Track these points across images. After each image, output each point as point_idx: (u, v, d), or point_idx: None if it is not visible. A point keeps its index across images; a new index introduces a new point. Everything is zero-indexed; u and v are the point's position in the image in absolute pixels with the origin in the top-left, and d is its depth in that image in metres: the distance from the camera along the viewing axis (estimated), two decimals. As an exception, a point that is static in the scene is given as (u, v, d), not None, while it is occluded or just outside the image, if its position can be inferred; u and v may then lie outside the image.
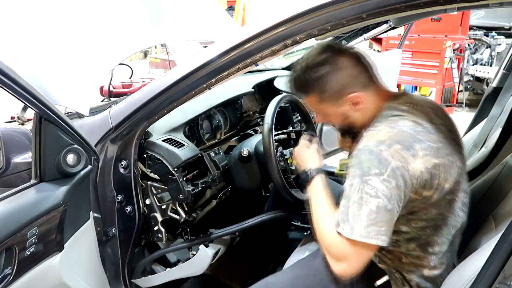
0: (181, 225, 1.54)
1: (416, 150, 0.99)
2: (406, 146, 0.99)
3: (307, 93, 1.15)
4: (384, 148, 0.98)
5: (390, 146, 0.98)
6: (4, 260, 0.99)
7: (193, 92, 1.23)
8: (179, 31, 1.77)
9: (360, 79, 1.11)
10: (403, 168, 0.97)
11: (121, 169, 1.35)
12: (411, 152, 0.98)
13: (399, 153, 0.97)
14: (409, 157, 0.98)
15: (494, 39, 5.99)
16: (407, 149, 0.98)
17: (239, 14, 9.20)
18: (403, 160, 0.97)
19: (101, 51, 1.46)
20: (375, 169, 0.97)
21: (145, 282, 1.53)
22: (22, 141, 1.51)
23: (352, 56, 1.12)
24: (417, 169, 0.98)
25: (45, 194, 1.09)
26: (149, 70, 8.71)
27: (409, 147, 0.99)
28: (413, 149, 0.99)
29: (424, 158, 0.99)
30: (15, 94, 0.95)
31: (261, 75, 2.26)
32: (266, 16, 1.10)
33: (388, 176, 0.96)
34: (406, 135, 1.01)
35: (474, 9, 4.20)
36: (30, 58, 1.28)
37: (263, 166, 1.51)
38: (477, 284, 0.87)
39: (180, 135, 1.49)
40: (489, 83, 2.71)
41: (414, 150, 0.99)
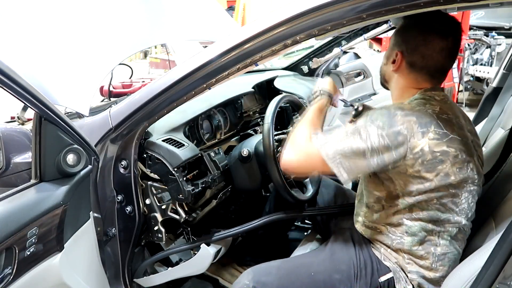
0: (181, 225, 1.54)
1: (428, 130, 1.02)
2: (421, 123, 1.02)
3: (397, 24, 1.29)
4: (400, 114, 1.03)
5: (406, 115, 1.03)
6: (4, 260, 0.99)
7: (193, 92, 1.23)
8: (179, 31, 1.77)
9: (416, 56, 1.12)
10: (405, 137, 1.01)
11: (121, 169, 1.35)
12: (422, 129, 1.02)
13: (411, 124, 1.02)
14: (418, 132, 1.01)
15: (494, 39, 5.99)
16: (420, 125, 1.02)
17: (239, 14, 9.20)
18: (410, 131, 1.01)
19: (101, 51, 1.46)
20: (380, 122, 1.03)
21: (147, 281, 1.53)
22: (22, 141, 1.51)
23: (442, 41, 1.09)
24: (419, 145, 1.01)
25: (45, 194, 1.09)
26: (149, 70, 8.71)
27: (424, 125, 1.02)
28: (426, 128, 1.02)
29: (433, 141, 1.02)
30: (15, 94, 0.95)
31: (261, 75, 2.26)
32: (266, 16, 1.10)
33: (387, 135, 1.01)
34: (427, 115, 1.04)
35: (474, 9, 4.20)
36: (30, 58, 1.28)
37: (263, 166, 1.51)
38: (477, 284, 0.87)
39: (180, 135, 1.49)
40: (489, 83, 2.71)
41: (427, 129, 1.02)
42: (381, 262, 1.20)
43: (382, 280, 1.18)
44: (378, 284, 1.18)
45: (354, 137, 1.04)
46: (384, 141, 1.01)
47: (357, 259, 1.22)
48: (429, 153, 1.02)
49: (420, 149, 1.02)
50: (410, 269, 1.16)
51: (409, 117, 1.03)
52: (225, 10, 2.54)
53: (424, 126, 1.02)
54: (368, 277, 1.18)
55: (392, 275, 1.18)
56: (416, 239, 1.13)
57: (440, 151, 1.03)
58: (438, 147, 1.02)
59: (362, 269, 1.19)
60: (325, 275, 1.21)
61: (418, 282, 1.16)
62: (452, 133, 1.05)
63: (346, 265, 1.21)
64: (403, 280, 1.17)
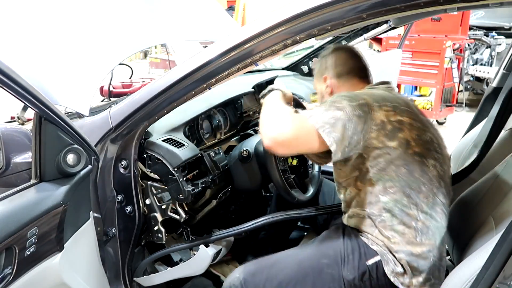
0: (181, 225, 1.54)
1: (382, 104, 1.16)
2: (376, 99, 1.17)
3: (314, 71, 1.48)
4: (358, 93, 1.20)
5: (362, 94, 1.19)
6: (4, 260, 0.99)
7: (193, 92, 1.23)
8: (179, 31, 1.77)
9: (337, 68, 1.37)
10: (369, 109, 1.14)
11: (121, 169, 1.35)
12: (378, 104, 1.16)
13: (369, 100, 1.16)
14: (375, 107, 1.15)
15: (494, 39, 5.99)
16: (376, 101, 1.17)
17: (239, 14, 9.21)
18: (370, 105, 1.15)
19: (101, 51, 1.46)
20: (347, 97, 1.15)
21: (146, 281, 1.54)
22: (22, 141, 1.51)
23: (346, 53, 1.40)
24: (379, 117, 1.14)
25: (45, 194, 1.09)
26: (149, 70, 8.71)
27: (378, 101, 1.17)
28: (380, 103, 1.16)
29: (389, 112, 1.16)
30: (15, 94, 0.95)
31: (261, 75, 2.26)
32: (266, 16, 1.10)
33: (357, 105, 1.12)
34: (377, 94, 1.21)
35: (474, 9, 4.20)
36: (30, 58, 1.28)
37: (263, 166, 1.51)
38: (477, 284, 0.87)
39: (180, 135, 1.49)
40: (489, 83, 2.71)
41: (382, 103, 1.16)
42: (368, 246, 1.22)
43: (370, 263, 1.20)
44: (366, 268, 1.20)
45: (333, 110, 1.12)
46: (355, 111, 1.12)
47: (344, 246, 1.25)
48: (388, 123, 1.14)
49: (380, 120, 1.14)
50: (396, 248, 1.18)
51: (365, 96, 1.17)
52: (225, 10, 2.54)
53: (378, 101, 1.16)
54: (356, 261, 1.21)
55: (379, 258, 1.20)
56: (394, 213, 1.17)
57: (396, 120, 1.15)
58: (394, 117, 1.15)
59: (349, 254, 1.22)
60: (313, 260, 1.25)
61: (407, 260, 1.17)
62: (401, 106, 1.19)
63: (333, 251, 1.25)
64: (392, 262, 1.18)
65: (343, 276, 1.20)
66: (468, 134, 2.21)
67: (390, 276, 1.18)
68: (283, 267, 1.25)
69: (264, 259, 1.30)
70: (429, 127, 1.23)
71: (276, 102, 1.27)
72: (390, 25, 1.95)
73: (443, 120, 5.85)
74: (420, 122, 1.21)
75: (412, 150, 1.16)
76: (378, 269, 1.19)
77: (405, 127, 1.16)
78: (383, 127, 1.13)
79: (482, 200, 1.38)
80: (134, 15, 1.62)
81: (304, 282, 1.22)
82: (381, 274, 1.19)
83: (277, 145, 1.10)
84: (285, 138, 1.09)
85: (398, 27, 2.14)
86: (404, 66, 5.47)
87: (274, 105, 1.25)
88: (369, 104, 1.14)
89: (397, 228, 1.18)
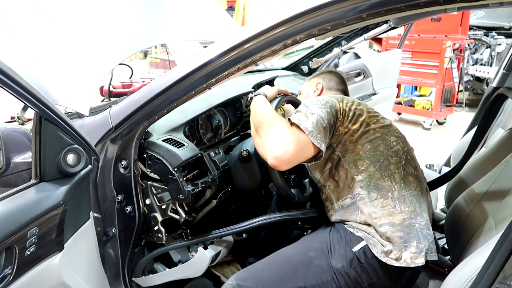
0: (181, 225, 1.54)
1: (342, 100, 1.37)
2: (337, 97, 1.38)
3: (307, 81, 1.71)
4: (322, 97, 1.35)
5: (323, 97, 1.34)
6: (4, 260, 0.99)
7: (193, 92, 1.23)
8: (179, 31, 1.77)
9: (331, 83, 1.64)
10: (332, 103, 1.32)
11: (121, 169, 1.35)
12: (339, 99, 1.36)
13: (331, 98, 1.35)
14: (337, 102, 1.35)
15: (494, 39, 5.99)
16: (336, 98, 1.36)
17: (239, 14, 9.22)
18: (333, 100, 1.33)
19: (101, 51, 1.46)
20: (313, 102, 1.30)
21: (145, 281, 1.53)
22: (22, 141, 1.51)
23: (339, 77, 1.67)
24: (342, 108, 1.33)
25: (45, 194, 1.09)
26: (149, 70, 8.72)
27: (338, 99, 1.37)
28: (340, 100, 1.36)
29: (348, 104, 1.36)
30: (15, 94, 0.95)
31: (261, 75, 2.26)
32: (266, 16, 1.10)
33: (322, 105, 1.28)
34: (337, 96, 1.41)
35: (474, 9, 4.20)
36: (30, 58, 1.28)
37: (263, 166, 1.51)
38: (477, 284, 0.87)
39: (180, 135, 1.49)
40: (489, 83, 2.71)
41: (341, 99, 1.37)
42: (353, 234, 1.27)
43: (356, 249, 1.24)
44: (353, 254, 1.24)
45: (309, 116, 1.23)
46: (324, 108, 1.27)
47: (330, 237, 1.30)
48: (349, 111, 1.34)
49: (343, 110, 1.33)
50: (379, 223, 1.23)
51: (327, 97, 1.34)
52: (225, 10, 2.54)
53: (338, 99, 1.36)
54: (342, 250, 1.25)
55: (365, 243, 1.24)
56: (370, 188, 1.27)
57: (356, 108, 1.35)
58: (353, 106, 1.36)
59: (335, 244, 1.27)
60: (300, 255, 1.29)
61: (391, 231, 1.20)
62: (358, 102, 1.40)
63: (319, 243, 1.30)
64: (379, 243, 1.22)
65: (332, 266, 1.24)
66: (468, 134, 2.21)
67: (381, 257, 1.20)
68: (273, 266, 1.29)
69: (255, 265, 1.34)
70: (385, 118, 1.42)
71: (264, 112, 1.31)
72: (390, 25, 1.95)
73: (443, 120, 5.86)
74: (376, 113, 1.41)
75: (373, 129, 1.33)
76: (366, 253, 1.23)
77: (364, 113, 1.36)
78: (346, 114, 1.33)
79: (482, 200, 1.38)
80: (134, 15, 1.62)
81: (296, 277, 1.25)
82: (370, 258, 1.22)
83: (283, 163, 1.19)
84: (290, 156, 1.18)
85: (398, 27, 2.13)
86: (404, 66, 5.48)
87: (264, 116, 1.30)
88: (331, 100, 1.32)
89: (376, 203, 1.25)
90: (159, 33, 1.68)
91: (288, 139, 1.18)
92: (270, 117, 1.28)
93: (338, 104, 1.34)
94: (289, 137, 1.19)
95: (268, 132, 1.24)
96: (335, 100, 1.35)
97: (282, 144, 1.18)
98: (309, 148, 1.21)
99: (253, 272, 1.30)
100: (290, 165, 1.21)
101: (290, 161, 1.19)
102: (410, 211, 1.24)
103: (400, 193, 1.26)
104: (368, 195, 1.27)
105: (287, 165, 1.19)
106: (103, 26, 1.51)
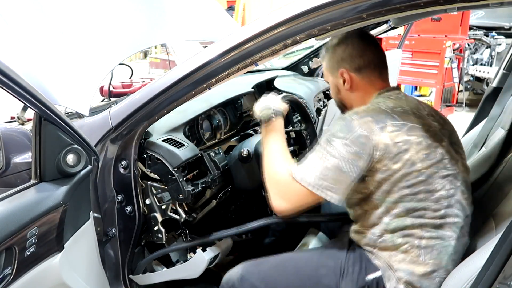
0: (181, 225, 1.54)
1: (386, 125, 1.08)
2: (377, 120, 1.08)
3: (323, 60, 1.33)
4: (356, 118, 1.10)
5: (362, 117, 1.09)
6: (4, 260, 0.99)
7: (193, 92, 1.23)
8: (179, 31, 1.77)
9: (355, 61, 1.23)
10: (367, 138, 1.06)
11: (121, 169, 1.35)
12: (380, 125, 1.07)
13: (368, 124, 1.08)
14: (377, 129, 1.07)
15: (494, 39, 5.99)
16: (377, 122, 1.08)
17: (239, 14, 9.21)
18: (369, 131, 1.07)
19: (101, 51, 1.46)
20: (341, 133, 1.09)
21: (142, 279, 1.53)
22: (22, 141, 1.51)
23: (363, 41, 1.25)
24: (382, 141, 1.06)
25: (45, 194, 1.09)
26: (149, 70, 8.71)
27: (380, 121, 1.08)
28: (383, 123, 1.08)
29: (393, 133, 1.07)
30: (15, 94, 0.95)
31: (261, 75, 2.26)
32: (266, 16, 1.10)
33: (351, 142, 1.07)
34: (381, 111, 1.11)
35: (474, 9, 4.20)
36: (30, 58, 1.27)
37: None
38: (477, 284, 0.87)
39: (180, 135, 1.49)
40: (489, 83, 2.71)
41: (384, 124, 1.08)
42: (370, 261, 1.18)
43: (370, 279, 1.16)
44: (365, 283, 1.16)
45: (325, 158, 1.08)
46: (351, 149, 1.06)
47: (346, 257, 1.22)
48: (392, 146, 1.06)
49: (383, 144, 1.06)
50: (396, 266, 1.13)
51: (365, 118, 1.09)
52: (225, 10, 2.54)
53: (380, 122, 1.08)
54: (355, 275, 1.17)
55: (380, 274, 1.16)
56: (397, 234, 1.13)
57: (402, 141, 1.07)
58: (399, 137, 1.07)
59: (349, 266, 1.19)
60: (311, 269, 1.23)
61: (407, 279, 1.12)
62: (410, 122, 1.10)
63: (333, 261, 1.22)
64: (394, 279, 1.14)
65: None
66: (468, 134, 2.21)
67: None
68: (282, 272, 1.25)
69: (265, 260, 1.31)
70: (441, 140, 1.13)
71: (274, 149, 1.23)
72: (390, 25, 1.95)
73: (443, 120, 5.85)
74: (432, 136, 1.11)
75: (418, 170, 1.08)
76: (379, 285, 1.15)
77: (412, 147, 1.07)
78: (386, 151, 1.06)
79: (482, 200, 1.38)
80: (134, 15, 1.62)
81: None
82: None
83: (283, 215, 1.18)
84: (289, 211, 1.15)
85: (398, 27, 2.14)
86: (404, 66, 5.48)
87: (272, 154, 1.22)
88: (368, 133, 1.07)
89: (398, 246, 1.14)
90: (159, 33, 1.68)
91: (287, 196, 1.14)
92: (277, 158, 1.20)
93: (377, 135, 1.06)
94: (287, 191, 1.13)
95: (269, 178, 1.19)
96: (374, 126, 1.07)
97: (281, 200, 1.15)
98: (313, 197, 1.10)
99: (261, 269, 1.28)
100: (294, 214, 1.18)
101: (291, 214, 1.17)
102: (435, 264, 1.11)
103: (429, 243, 1.11)
104: (391, 239, 1.14)
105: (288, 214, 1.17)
106: (103, 26, 1.51)
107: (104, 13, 1.54)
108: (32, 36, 1.32)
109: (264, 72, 2.44)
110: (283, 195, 1.15)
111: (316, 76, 2.70)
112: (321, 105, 2.47)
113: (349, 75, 1.24)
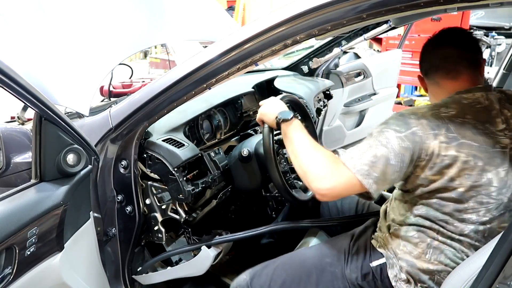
0: (181, 225, 1.54)
1: (439, 133, 1.02)
2: (433, 126, 1.03)
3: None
4: (414, 117, 1.05)
5: (419, 119, 1.05)
6: (4, 260, 0.99)
7: (193, 92, 1.23)
8: (179, 31, 1.77)
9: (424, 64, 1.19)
10: (421, 138, 1.02)
11: (121, 169, 1.35)
12: (434, 131, 1.02)
13: (424, 126, 1.03)
14: (430, 134, 1.02)
15: (494, 39, 5.98)
16: (432, 128, 1.03)
17: (239, 14, 9.21)
18: (424, 132, 1.02)
19: (101, 51, 1.46)
20: (396, 126, 1.04)
21: (146, 279, 1.54)
22: (22, 141, 1.51)
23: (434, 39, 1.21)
24: (431, 148, 1.02)
25: (45, 194, 1.09)
26: (149, 70, 8.70)
27: (436, 127, 1.03)
28: (438, 130, 1.02)
29: (443, 144, 1.01)
30: (15, 94, 0.95)
31: (261, 75, 2.26)
32: (266, 16, 1.10)
33: (405, 136, 1.02)
34: (439, 118, 1.04)
35: (474, 9, 4.20)
36: (30, 57, 1.27)
37: (263, 166, 1.51)
38: (477, 284, 0.87)
39: (180, 135, 1.49)
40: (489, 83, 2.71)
41: (439, 132, 1.02)
42: (375, 248, 1.22)
43: (374, 265, 1.19)
44: (370, 269, 1.20)
45: (375, 147, 1.04)
46: (403, 143, 1.02)
47: (350, 246, 1.26)
48: (437, 157, 1.02)
49: (431, 151, 1.02)
50: (400, 255, 1.15)
51: (422, 120, 1.04)
52: (225, 10, 2.54)
53: (436, 128, 1.02)
54: (360, 261, 1.21)
55: (384, 261, 1.18)
56: (413, 227, 1.13)
57: (448, 155, 1.01)
58: (446, 151, 1.01)
59: (354, 254, 1.23)
60: (316, 259, 1.26)
61: (407, 270, 1.14)
62: (463, 138, 1.02)
63: (338, 250, 1.26)
64: (397, 267, 1.16)
65: (345, 275, 1.21)
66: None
67: (392, 281, 1.16)
68: (288, 267, 1.28)
69: (270, 262, 1.33)
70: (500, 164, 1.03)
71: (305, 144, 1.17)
72: (390, 25, 1.94)
73: (443, 120, 5.85)
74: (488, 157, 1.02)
75: (454, 188, 1.03)
76: (383, 272, 1.18)
77: (456, 165, 1.01)
78: (431, 159, 1.02)
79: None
80: (134, 15, 1.62)
81: (308, 281, 1.24)
82: (385, 277, 1.18)
83: (320, 196, 1.10)
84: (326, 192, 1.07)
85: (398, 27, 2.13)
86: (404, 66, 5.47)
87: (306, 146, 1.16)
88: (423, 133, 1.02)
89: (409, 238, 1.14)
90: (159, 33, 1.68)
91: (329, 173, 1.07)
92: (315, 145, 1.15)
93: (430, 140, 1.01)
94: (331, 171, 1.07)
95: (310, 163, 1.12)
96: (430, 131, 1.02)
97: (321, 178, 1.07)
98: (354, 183, 1.04)
99: (267, 270, 1.30)
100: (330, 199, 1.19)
101: (337, 197, 1.11)
102: (440, 265, 1.11)
103: (441, 246, 1.10)
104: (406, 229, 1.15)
105: (325, 198, 1.11)
106: (103, 26, 1.51)
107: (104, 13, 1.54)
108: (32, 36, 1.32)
109: (264, 72, 2.44)
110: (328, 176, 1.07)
111: (316, 76, 2.70)
112: (321, 105, 2.47)
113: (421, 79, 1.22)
